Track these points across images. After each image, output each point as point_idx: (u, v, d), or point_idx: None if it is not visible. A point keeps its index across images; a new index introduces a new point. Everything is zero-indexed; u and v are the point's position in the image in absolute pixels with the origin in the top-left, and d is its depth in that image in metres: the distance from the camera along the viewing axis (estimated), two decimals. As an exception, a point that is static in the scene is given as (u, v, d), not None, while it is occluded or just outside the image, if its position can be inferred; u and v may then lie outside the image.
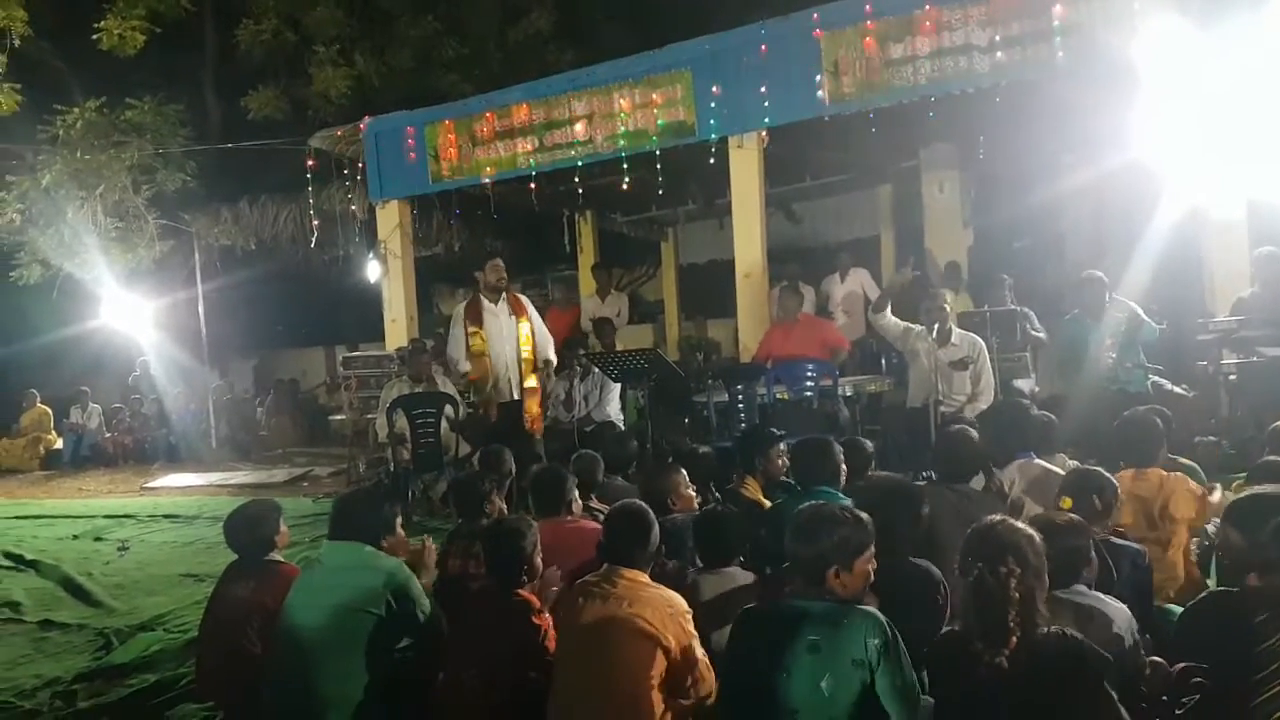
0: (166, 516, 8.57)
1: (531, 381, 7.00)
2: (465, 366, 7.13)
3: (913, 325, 6.73)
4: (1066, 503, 3.34)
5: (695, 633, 2.96)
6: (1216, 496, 3.95)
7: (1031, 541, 2.47)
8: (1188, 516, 3.80)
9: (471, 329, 7.02)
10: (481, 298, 7.14)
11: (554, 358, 7.48)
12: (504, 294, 7.16)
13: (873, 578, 2.72)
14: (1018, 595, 2.36)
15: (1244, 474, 4.30)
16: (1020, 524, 2.56)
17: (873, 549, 2.70)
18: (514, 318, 7.02)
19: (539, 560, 3.30)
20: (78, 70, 13.18)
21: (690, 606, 3.04)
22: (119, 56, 11.84)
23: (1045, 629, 2.40)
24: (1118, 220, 8.81)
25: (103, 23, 11.59)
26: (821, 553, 2.63)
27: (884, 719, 2.49)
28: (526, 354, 6.99)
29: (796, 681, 2.51)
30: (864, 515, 2.74)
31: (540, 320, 7.50)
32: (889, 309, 6.81)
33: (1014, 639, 2.35)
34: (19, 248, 12.33)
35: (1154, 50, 6.19)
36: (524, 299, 7.33)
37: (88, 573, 6.48)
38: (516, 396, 6.93)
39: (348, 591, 3.25)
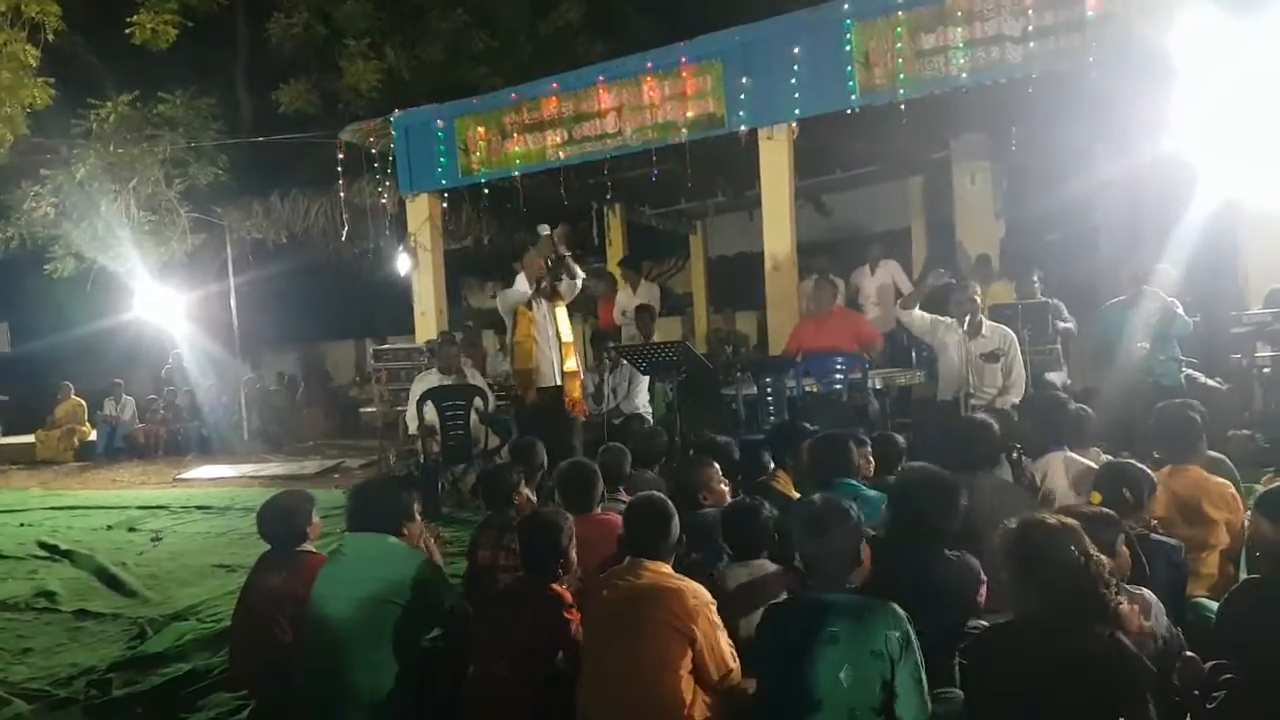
0: (199, 508, 8.67)
1: (571, 364, 6.96)
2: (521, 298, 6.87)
3: (941, 318, 6.67)
4: (1096, 497, 3.30)
5: (719, 622, 2.96)
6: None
7: (1079, 534, 2.46)
8: (1225, 518, 3.75)
9: (521, 309, 6.96)
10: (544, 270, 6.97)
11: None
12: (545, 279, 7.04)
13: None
14: (1097, 586, 2.38)
15: (1275, 468, 4.24)
16: (1065, 518, 2.54)
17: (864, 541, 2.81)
18: (551, 303, 6.97)
19: (574, 554, 3.31)
20: (111, 64, 13.35)
21: (717, 597, 3.05)
22: (151, 50, 11.98)
23: (1107, 631, 2.37)
24: (1152, 212, 8.68)
25: (135, 17, 11.73)
26: (843, 544, 2.71)
27: (897, 709, 2.53)
28: (567, 338, 6.96)
29: (819, 672, 2.55)
30: (850, 505, 2.82)
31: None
32: (917, 306, 6.75)
33: (1090, 630, 2.34)
34: (54, 241, 12.53)
35: (1189, 40, 6.10)
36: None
37: (122, 563, 6.56)
38: (559, 381, 6.91)
39: (374, 583, 3.26)
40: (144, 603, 5.65)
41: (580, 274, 7.18)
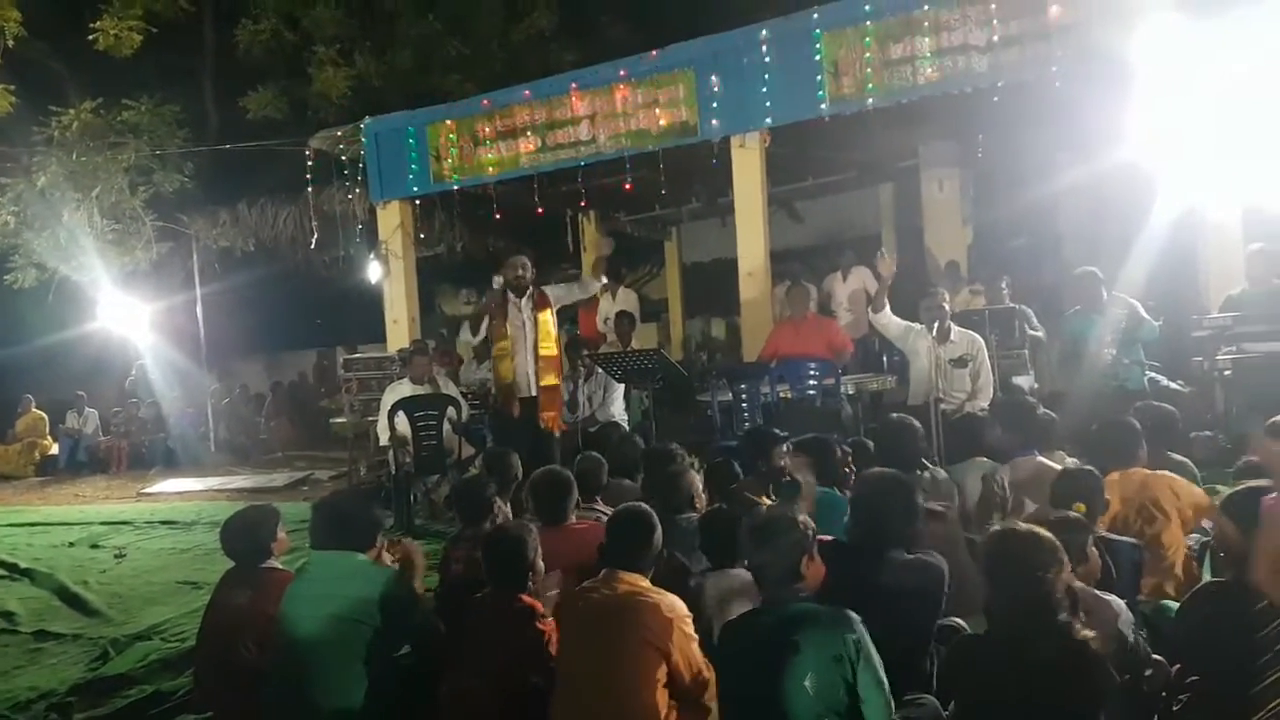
0: (164, 523, 8.53)
1: (548, 380, 6.93)
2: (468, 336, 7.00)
3: (913, 324, 6.72)
4: (1080, 508, 3.34)
5: (695, 635, 2.96)
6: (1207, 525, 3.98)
7: (1056, 546, 2.49)
8: (1176, 507, 3.83)
9: (496, 322, 6.92)
10: (508, 292, 7.04)
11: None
12: (529, 290, 7.03)
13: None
14: (1058, 597, 2.40)
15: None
16: (1035, 528, 2.57)
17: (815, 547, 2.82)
18: (535, 313, 6.93)
19: (540, 563, 3.29)
20: (74, 71, 13.17)
21: (695, 607, 3.05)
22: (116, 57, 11.81)
23: (1075, 633, 2.41)
24: (1115, 218, 8.81)
25: (99, 23, 11.55)
26: (788, 549, 2.72)
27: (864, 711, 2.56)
28: (545, 351, 6.92)
29: (785, 683, 2.57)
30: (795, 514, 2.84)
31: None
32: (888, 306, 6.80)
33: (1050, 642, 2.37)
34: (14, 250, 12.27)
35: (1150, 50, 6.21)
36: (546, 293, 7.19)
37: (84, 581, 6.43)
38: (533, 393, 6.87)
39: (342, 602, 3.22)
40: (106, 622, 5.53)
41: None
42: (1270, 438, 3.83)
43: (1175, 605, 3.38)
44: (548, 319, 6.92)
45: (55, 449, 13.36)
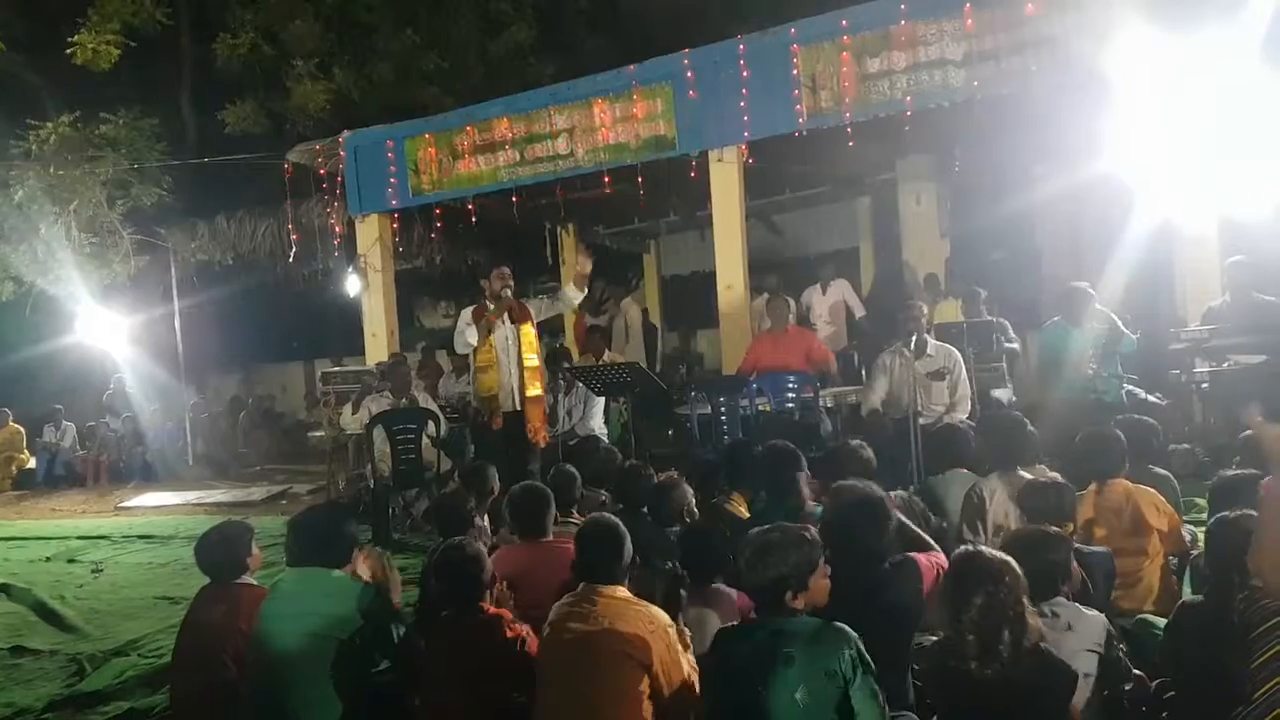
0: (141, 537, 8.45)
1: (534, 391, 6.91)
2: (473, 339, 6.85)
3: (880, 368, 6.74)
4: (1069, 527, 3.36)
5: (680, 646, 2.95)
6: (1186, 536, 4.01)
7: (1010, 565, 2.58)
8: (1160, 526, 3.84)
9: (480, 332, 6.88)
10: (488, 305, 7.03)
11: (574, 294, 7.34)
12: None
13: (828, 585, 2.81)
14: (1011, 614, 2.49)
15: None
16: (994, 551, 2.68)
17: (824, 562, 2.79)
18: (516, 325, 6.91)
19: (490, 574, 3.28)
20: (51, 84, 13.10)
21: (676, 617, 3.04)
22: (94, 71, 11.75)
23: (1029, 644, 2.49)
24: (1093, 231, 8.91)
25: (76, 37, 11.50)
26: (776, 579, 2.71)
27: None
28: (530, 363, 6.90)
29: (775, 694, 2.57)
30: (810, 532, 2.83)
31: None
32: (876, 392, 6.77)
33: (1004, 654, 2.46)
34: (-9, 264, 12.19)
35: (1126, 63, 6.25)
36: (527, 305, 7.18)
37: (61, 596, 6.37)
38: (518, 407, 6.85)
39: (317, 619, 3.20)
40: (83, 638, 5.48)
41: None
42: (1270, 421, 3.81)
43: (1155, 619, 3.41)
44: (529, 331, 6.92)
45: (32, 463, 13.20)
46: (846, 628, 2.64)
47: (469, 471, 5.20)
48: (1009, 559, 2.61)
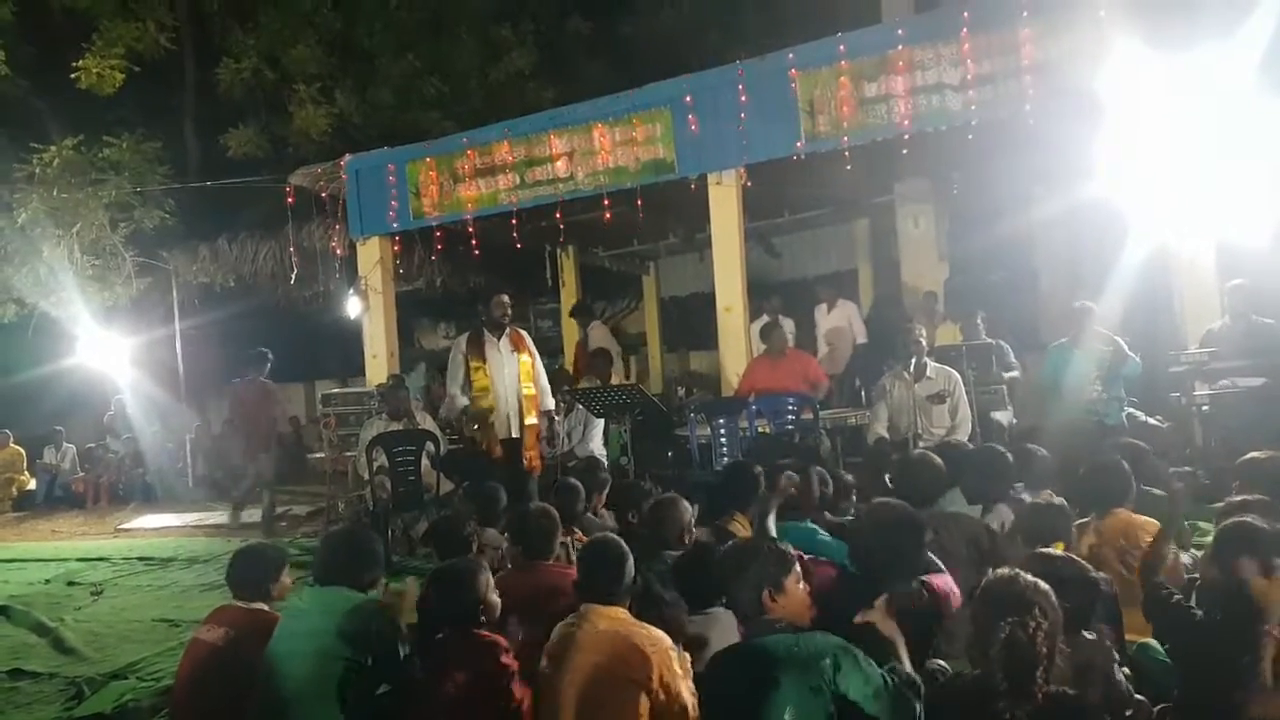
0: (141, 559, 8.40)
1: (531, 419, 6.92)
2: (463, 401, 7.00)
3: (881, 393, 6.75)
4: (1059, 546, 3.36)
5: (680, 670, 2.92)
6: (1185, 559, 4.00)
7: (1049, 596, 2.43)
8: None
9: (475, 364, 6.93)
10: (485, 332, 7.06)
11: (553, 406, 7.37)
12: (506, 329, 7.08)
13: (809, 597, 2.82)
14: (1044, 650, 2.34)
15: (1219, 504, 4.33)
16: (1034, 579, 2.49)
17: (798, 568, 2.81)
18: (515, 354, 6.94)
19: (494, 598, 3.23)
20: (56, 108, 13.19)
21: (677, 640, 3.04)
22: (98, 95, 11.85)
23: (1056, 688, 2.38)
24: (1091, 253, 8.92)
25: (81, 61, 11.60)
26: (749, 581, 2.74)
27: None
28: (528, 391, 6.91)
29: (766, 717, 2.56)
30: (778, 543, 2.87)
31: (540, 361, 7.30)
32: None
33: (1040, 693, 2.34)
34: (-6, 286, 12.25)
35: (1122, 86, 6.30)
36: (525, 335, 7.20)
37: (60, 618, 6.33)
38: (516, 434, 6.86)
39: (328, 639, 3.19)
40: (82, 661, 5.43)
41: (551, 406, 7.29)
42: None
43: (1155, 645, 3.39)
44: (527, 358, 6.95)
45: (32, 484, 13.20)
46: (823, 635, 2.64)
47: (478, 492, 5.19)
48: (1048, 588, 2.44)
